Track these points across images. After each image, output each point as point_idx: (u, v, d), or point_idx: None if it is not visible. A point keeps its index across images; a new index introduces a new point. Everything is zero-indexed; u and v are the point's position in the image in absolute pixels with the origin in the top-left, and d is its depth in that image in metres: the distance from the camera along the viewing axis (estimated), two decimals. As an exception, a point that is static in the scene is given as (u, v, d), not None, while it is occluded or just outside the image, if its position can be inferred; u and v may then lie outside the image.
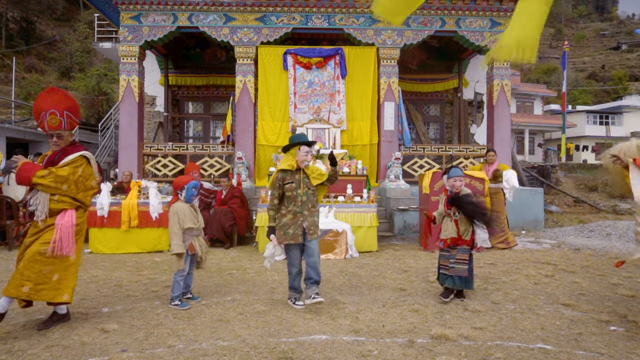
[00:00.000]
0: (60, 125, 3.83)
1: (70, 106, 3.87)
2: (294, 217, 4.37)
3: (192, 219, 4.50)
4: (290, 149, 4.45)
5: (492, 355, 3.26)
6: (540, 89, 35.59)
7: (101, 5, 11.21)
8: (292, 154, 4.44)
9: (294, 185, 4.37)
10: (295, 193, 4.36)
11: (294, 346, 3.42)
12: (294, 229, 4.36)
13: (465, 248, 4.69)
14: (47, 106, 3.79)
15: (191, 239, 4.49)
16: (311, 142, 4.51)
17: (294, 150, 4.43)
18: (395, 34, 10.67)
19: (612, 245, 8.14)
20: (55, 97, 3.83)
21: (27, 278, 3.66)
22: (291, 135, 4.57)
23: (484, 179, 7.86)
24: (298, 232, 4.36)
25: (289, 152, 4.48)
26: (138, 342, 3.51)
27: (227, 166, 10.95)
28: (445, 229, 4.81)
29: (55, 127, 3.82)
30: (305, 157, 4.41)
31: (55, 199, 3.81)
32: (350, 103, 10.84)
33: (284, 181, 4.39)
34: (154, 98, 14.50)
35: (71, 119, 3.88)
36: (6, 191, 8.07)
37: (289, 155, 4.47)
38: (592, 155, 36.76)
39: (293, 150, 4.44)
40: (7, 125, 16.58)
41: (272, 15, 10.57)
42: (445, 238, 4.78)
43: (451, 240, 4.72)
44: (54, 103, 3.80)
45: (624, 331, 3.78)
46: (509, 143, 11.14)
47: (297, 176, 4.42)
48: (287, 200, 4.40)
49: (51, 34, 36.06)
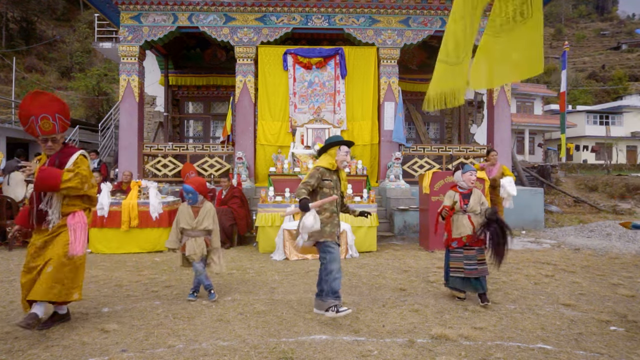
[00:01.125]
0: (54, 130, 3.79)
1: (61, 109, 3.82)
2: (330, 216, 4.24)
3: (187, 221, 4.69)
4: (328, 149, 4.35)
5: (492, 355, 3.26)
6: (540, 89, 35.59)
7: (101, 5, 11.20)
8: (330, 154, 4.32)
9: (332, 184, 4.27)
10: (332, 192, 4.26)
11: (294, 346, 3.42)
12: (331, 227, 4.21)
13: (482, 247, 4.60)
14: (36, 111, 3.71)
15: (186, 239, 4.72)
16: (350, 143, 4.42)
17: (333, 150, 4.32)
18: (395, 34, 10.67)
19: (612, 245, 8.14)
20: (43, 101, 3.75)
21: (57, 280, 3.70)
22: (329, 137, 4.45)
23: (484, 179, 7.86)
24: (334, 231, 4.23)
25: (326, 152, 4.36)
26: (138, 342, 3.51)
27: (227, 166, 10.94)
28: (458, 226, 4.67)
29: (49, 131, 3.77)
30: (345, 157, 4.32)
31: (65, 202, 3.84)
32: (350, 103, 10.84)
33: (323, 176, 4.25)
34: (154, 98, 14.51)
35: (63, 121, 3.84)
36: (6, 191, 8.06)
37: (327, 155, 4.35)
38: (592, 155, 36.79)
39: (332, 150, 4.32)
40: (7, 126, 16.59)
41: (272, 15, 10.57)
42: (460, 236, 4.63)
43: (467, 238, 4.60)
44: (44, 107, 3.73)
45: (624, 331, 3.78)
46: (509, 143, 11.14)
47: (334, 176, 4.33)
48: (323, 197, 4.24)
49: (51, 34, 36.06)
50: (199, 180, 4.82)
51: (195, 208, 4.74)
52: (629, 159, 37.47)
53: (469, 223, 4.62)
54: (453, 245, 4.69)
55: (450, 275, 4.70)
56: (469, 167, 4.78)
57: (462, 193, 4.75)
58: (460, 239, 4.64)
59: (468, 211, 4.66)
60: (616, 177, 18.16)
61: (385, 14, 10.63)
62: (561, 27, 67.04)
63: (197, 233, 4.72)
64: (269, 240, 7.60)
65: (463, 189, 4.78)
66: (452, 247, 4.70)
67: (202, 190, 4.74)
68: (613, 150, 37.53)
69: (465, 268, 4.58)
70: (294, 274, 6.05)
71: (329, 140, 4.44)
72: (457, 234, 4.67)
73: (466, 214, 4.67)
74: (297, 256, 7.12)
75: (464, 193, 4.75)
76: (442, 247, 7.64)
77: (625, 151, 38.86)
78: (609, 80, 50.63)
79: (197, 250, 4.69)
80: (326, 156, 4.35)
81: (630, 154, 38.89)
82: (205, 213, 4.76)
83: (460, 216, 4.69)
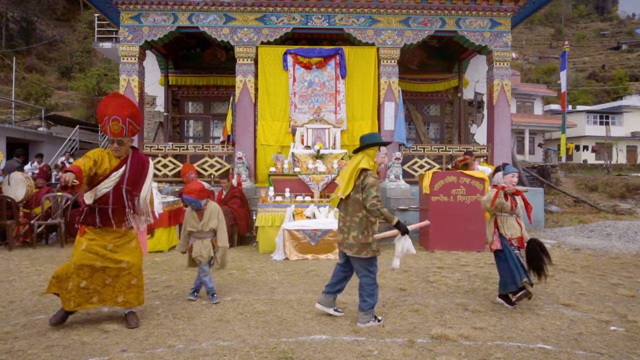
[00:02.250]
0: (122, 133, 3.86)
1: (132, 114, 3.89)
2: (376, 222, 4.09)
3: (192, 224, 4.75)
4: (366, 149, 4.11)
5: (492, 355, 3.26)
6: (540, 89, 35.61)
7: (101, 5, 11.21)
8: (369, 155, 4.10)
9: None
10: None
11: (294, 346, 3.42)
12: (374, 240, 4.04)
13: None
14: (110, 112, 3.81)
15: (193, 240, 4.76)
16: (388, 143, 4.28)
17: (372, 151, 4.11)
18: (395, 34, 10.67)
19: (612, 245, 8.14)
20: (118, 104, 3.85)
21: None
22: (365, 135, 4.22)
23: (484, 179, 7.86)
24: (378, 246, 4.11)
25: (364, 153, 4.10)
26: (138, 342, 3.51)
27: (227, 166, 10.94)
28: (509, 227, 4.55)
29: (117, 133, 3.84)
30: (383, 159, 4.16)
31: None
32: (350, 103, 10.84)
33: None
34: (154, 98, 14.50)
35: (132, 125, 3.91)
36: (6, 191, 8.06)
37: (366, 155, 4.08)
38: (592, 155, 36.78)
39: (371, 151, 4.11)
40: (7, 126, 16.60)
41: (272, 15, 10.58)
42: (512, 237, 4.53)
43: (518, 240, 4.52)
44: (117, 110, 3.82)
45: (624, 331, 3.78)
46: (509, 143, 11.14)
47: None
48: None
49: (51, 34, 36.08)
50: (197, 188, 4.70)
51: (200, 211, 4.74)
52: (629, 159, 37.47)
53: (517, 224, 4.55)
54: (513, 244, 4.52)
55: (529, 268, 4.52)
56: (510, 168, 4.63)
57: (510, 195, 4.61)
58: (511, 239, 4.52)
59: (515, 213, 4.57)
60: (616, 177, 18.15)
61: (385, 14, 10.63)
62: (561, 27, 67.05)
63: (204, 234, 4.73)
64: (269, 240, 7.60)
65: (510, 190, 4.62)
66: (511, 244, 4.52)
67: (203, 195, 4.69)
68: (613, 150, 37.52)
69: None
70: (294, 274, 6.05)
71: (367, 140, 4.15)
72: (509, 234, 4.54)
73: (513, 215, 4.57)
74: (297, 256, 7.13)
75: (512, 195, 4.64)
76: (442, 247, 7.70)
77: (625, 151, 38.86)
78: (609, 80, 50.62)
79: (204, 251, 4.69)
80: (365, 157, 4.09)
81: (630, 154, 38.89)
82: (209, 214, 4.74)
83: (508, 218, 4.57)
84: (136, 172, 3.97)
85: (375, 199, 3.87)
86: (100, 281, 3.87)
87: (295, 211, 7.85)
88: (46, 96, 27.65)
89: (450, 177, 7.87)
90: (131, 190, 3.93)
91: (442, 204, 7.80)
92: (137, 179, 3.98)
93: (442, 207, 7.79)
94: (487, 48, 10.80)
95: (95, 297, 3.86)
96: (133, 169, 3.95)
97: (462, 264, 6.60)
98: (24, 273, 5.92)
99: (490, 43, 10.72)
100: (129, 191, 3.91)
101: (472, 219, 7.63)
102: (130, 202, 3.93)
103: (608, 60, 56.94)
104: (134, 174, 3.95)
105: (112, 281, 3.90)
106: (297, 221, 7.56)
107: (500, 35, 10.76)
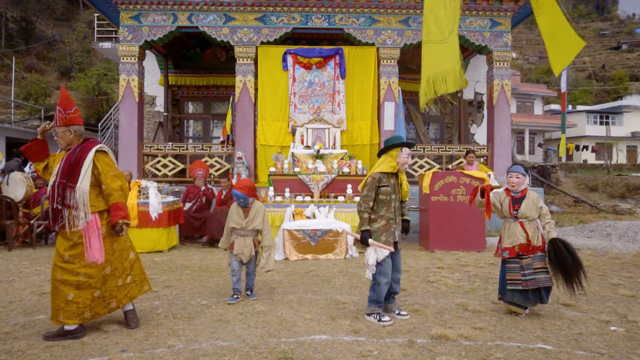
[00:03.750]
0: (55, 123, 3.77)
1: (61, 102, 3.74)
2: (386, 224, 4.05)
3: (236, 220, 4.71)
4: (389, 150, 4.12)
5: (492, 355, 3.26)
6: (540, 89, 35.60)
7: (101, 5, 11.20)
8: (392, 156, 4.09)
9: (389, 189, 4.06)
10: (389, 198, 4.06)
11: (294, 346, 3.41)
12: (387, 236, 4.03)
13: (541, 255, 4.12)
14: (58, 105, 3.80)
15: (235, 238, 4.72)
16: (412, 144, 4.20)
17: (395, 152, 4.08)
18: (395, 34, 10.66)
19: (612, 245, 8.13)
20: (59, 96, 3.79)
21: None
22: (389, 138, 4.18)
23: (483, 179, 7.86)
24: (390, 240, 4.05)
25: (387, 154, 4.13)
26: (138, 342, 3.51)
27: (227, 166, 10.95)
28: (510, 235, 4.18)
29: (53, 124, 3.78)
30: (406, 159, 4.10)
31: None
32: (350, 103, 10.84)
33: (380, 183, 4.05)
34: (154, 98, 14.50)
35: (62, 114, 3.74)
36: (6, 191, 8.06)
37: (388, 157, 4.11)
38: (592, 155, 36.78)
39: (393, 152, 4.09)
40: (7, 126, 16.59)
41: (272, 15, 10.57)
42: (512, 246, 4.15)
43: (520, 247, 4.12)
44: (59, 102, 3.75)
45: (624, 331, 3.78)
46: (509, 143, 11.14)
47: (392, 180, 4.11)
48: (378, 204, 4.06)
49: (51, 34, 36.08)
50: (249, 184, 4.67)
51: (246, 208, 4.71)
52: (629, 159, 37.47)
53: (522, 231, 4.13)
54: (505, 256, 4.20)
55: (508, 289, 4.16)
56: (515, 167, 4.30)
57: (513, 197, 4.21)
58: (512, 249, 4.15)
59: (520, 217, 4.16)
60: (616, 177, 18.16)
61: (385, 14, 10.63)
62: (561, 27, 66.91)
63: (247, 232, 4.69)
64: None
65: (516, 192, 4.23)
66: (505, 257, 4.21)
67: (252, 193, 4.67)
68: (613, 150, 37.52)
69: (523, 279, 4.07)
70: (294, 274, 6.05)
71: (390, 141, 4.15)
72: (508, 243, 4.18)
73: (518, 220, 4.17)
74: (296, 256, 7.12)
75: (516, 197, 4.21)
76: (442, 247, 7.69)
77: (625, 151, 38.85)
78: (609, 80, 50.62)
79: (245, 250, 4.65)
80: (387, 158, 4.12)
81: (630, 154, 38.89)
82: (255, 213, 4.72)
83: (511, 223, 4.20)
84: (72, 161, 3.60)
85: (363, 198, 4.06)
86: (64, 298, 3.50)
87: (295, 211, 7.85)
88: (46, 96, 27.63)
89: (450, 177, 7.87)
90: (65, 182, 3.57)
91: (442, 204, 7.80)
92: (72, 169, 3.58)
93: (442, 207, 7.79)
94: (487, 48, 10.79)
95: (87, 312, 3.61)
96: (69, 159, 3.61)
97: (462, 264, 6.60)
98: (24, 273, 5.92)
99: (490, 43, 10.72)
100: (61, 184, 3.56)
101: (472, 219, 7.63)
102: (61, 196, 3.55)
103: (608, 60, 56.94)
104: (68, 164, 3.59)
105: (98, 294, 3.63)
106: (297, 221, 7.56)
107: (500, 35, 10.76)
